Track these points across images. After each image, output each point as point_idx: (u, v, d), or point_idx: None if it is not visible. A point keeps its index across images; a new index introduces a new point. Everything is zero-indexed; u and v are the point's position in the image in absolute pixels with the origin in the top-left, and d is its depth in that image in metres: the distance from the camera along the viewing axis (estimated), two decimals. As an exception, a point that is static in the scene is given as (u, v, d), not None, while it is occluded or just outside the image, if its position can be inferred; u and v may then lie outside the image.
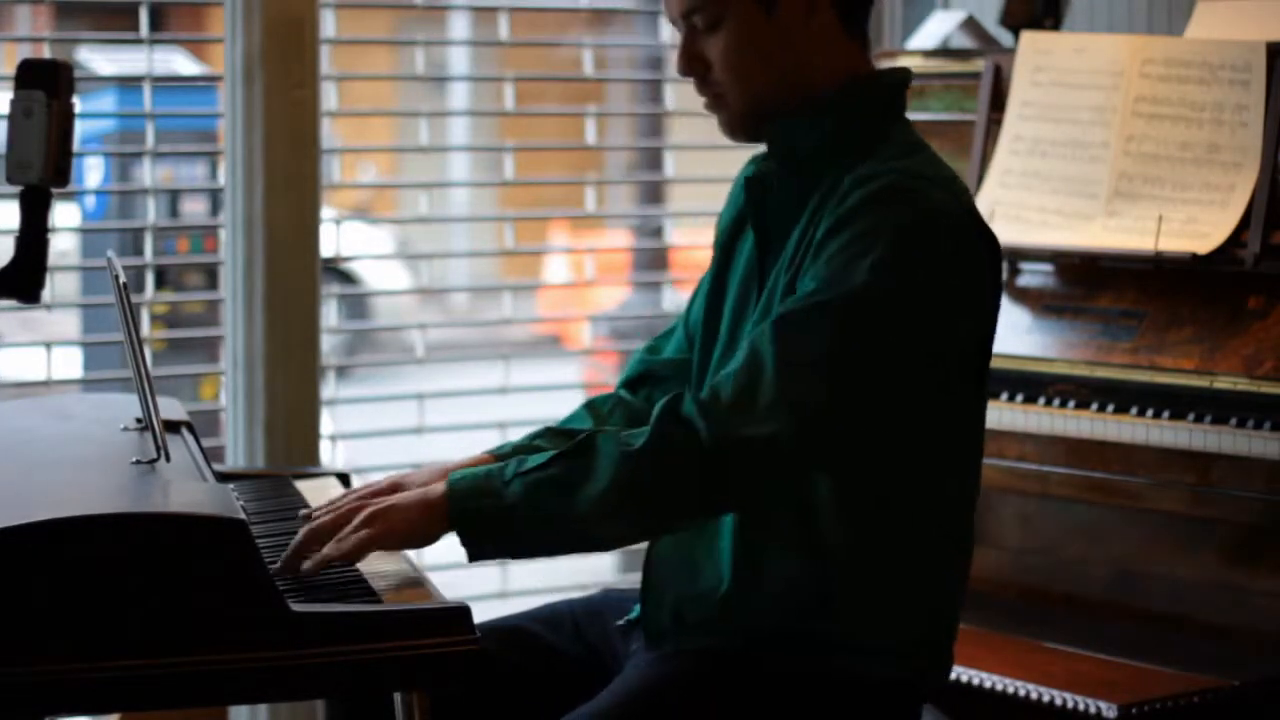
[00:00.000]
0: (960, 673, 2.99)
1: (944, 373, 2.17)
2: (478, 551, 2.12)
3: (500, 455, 2.35)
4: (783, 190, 2.24)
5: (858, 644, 2.20)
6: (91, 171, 4.42)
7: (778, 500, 2.17)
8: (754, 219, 2.27)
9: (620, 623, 2.37)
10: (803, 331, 2.09)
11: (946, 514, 2.24)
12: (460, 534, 2.12)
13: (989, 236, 2.22)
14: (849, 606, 2.19)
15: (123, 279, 2.26)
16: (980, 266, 2.19)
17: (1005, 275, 3.34)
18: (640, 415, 2.37)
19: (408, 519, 2.11)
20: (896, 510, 2.19)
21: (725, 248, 2.35)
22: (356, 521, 2.11)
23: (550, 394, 4.20)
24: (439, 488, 2.12)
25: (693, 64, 2.23)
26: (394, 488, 2.23)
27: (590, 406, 2.47)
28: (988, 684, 2.96)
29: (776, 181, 2.25)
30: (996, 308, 2.24)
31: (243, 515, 1.94)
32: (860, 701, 2.22)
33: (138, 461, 2.22)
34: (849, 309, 2.08)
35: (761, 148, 2.30)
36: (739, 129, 2.26)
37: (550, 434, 2.40)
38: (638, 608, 2.34)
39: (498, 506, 2.09)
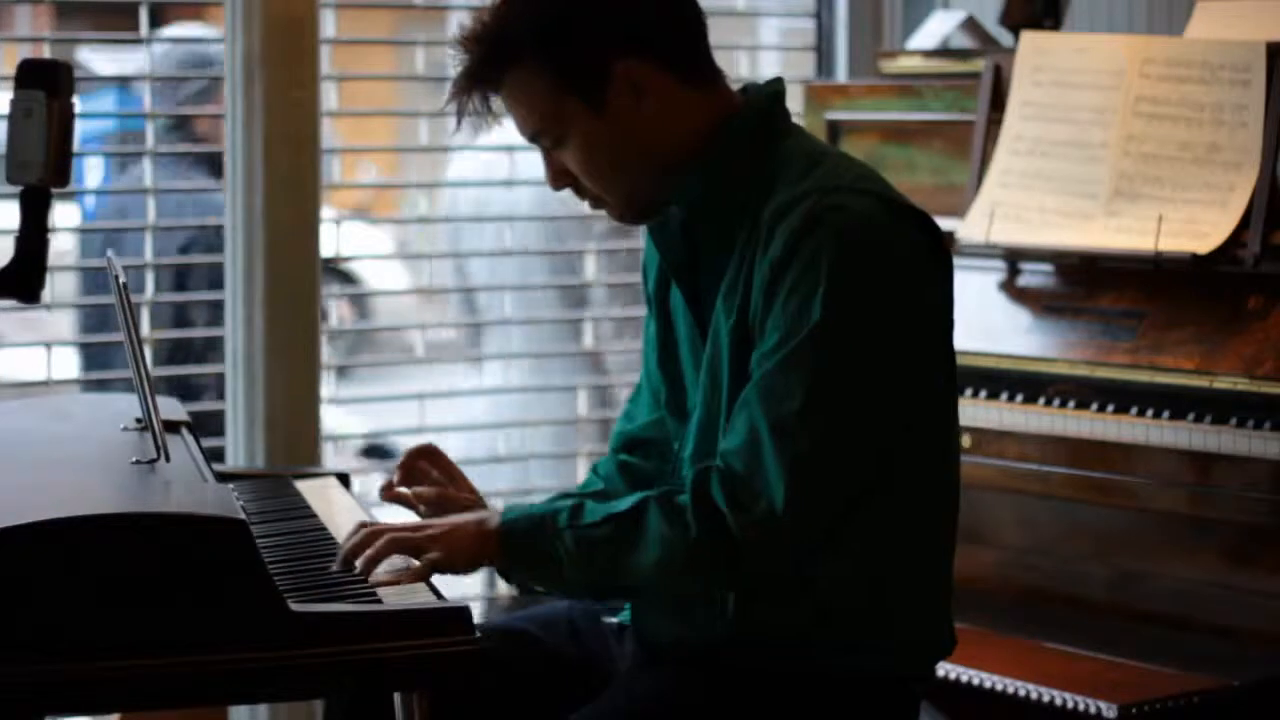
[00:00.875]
0: (960, 673, 2.99)
1: (921, 367, 2.18)
2: (518, 584, 2.21)
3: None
4: (687, 231, 2.24)
5: (851, 642, 2.21)
6: (91, 171, 4.41)
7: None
8: (670, 267, 2.28)
9: (612, 620, 2.37)
10: (784, 389, 2.10)
11: (929, 503, 2.24)
12: (509, 571, 2.19)
13: (916, 214, 2.19)
14: (839, 604, 2.19)
15: (123, 279, 2.26)
16: (919, 250, 2.18)
17: (1005, 275, 3.35)
18: (642, 476, 2.41)
19: (463, 547, 2.15)
20: (882, 503, 2.19)
21: (659, 296, 2.36)
22: (421, 537, 2.14)
23: (550, 394, 4.20)
24: (491, 521, 2.16)
25: (561, 180, 2.25)
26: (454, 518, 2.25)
27: (595, 471, 2.50)
28: (987, 684, 2.96)
29: (678, 223, 2.25)
30: (949, 280, 2.24)
31: (243, 515, 1.94)
32: (857, 699, 2.22)
33: (138, 461, 2.22)
34: (813, 346, 2.09)
35: None
36: (631, 220, 2.30)
37: (569, 498, 2.40)
38: (628, 606, 2.35)
39: (548, 554, 2.15)
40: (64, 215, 4.45)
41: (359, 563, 2.10)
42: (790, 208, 2.13)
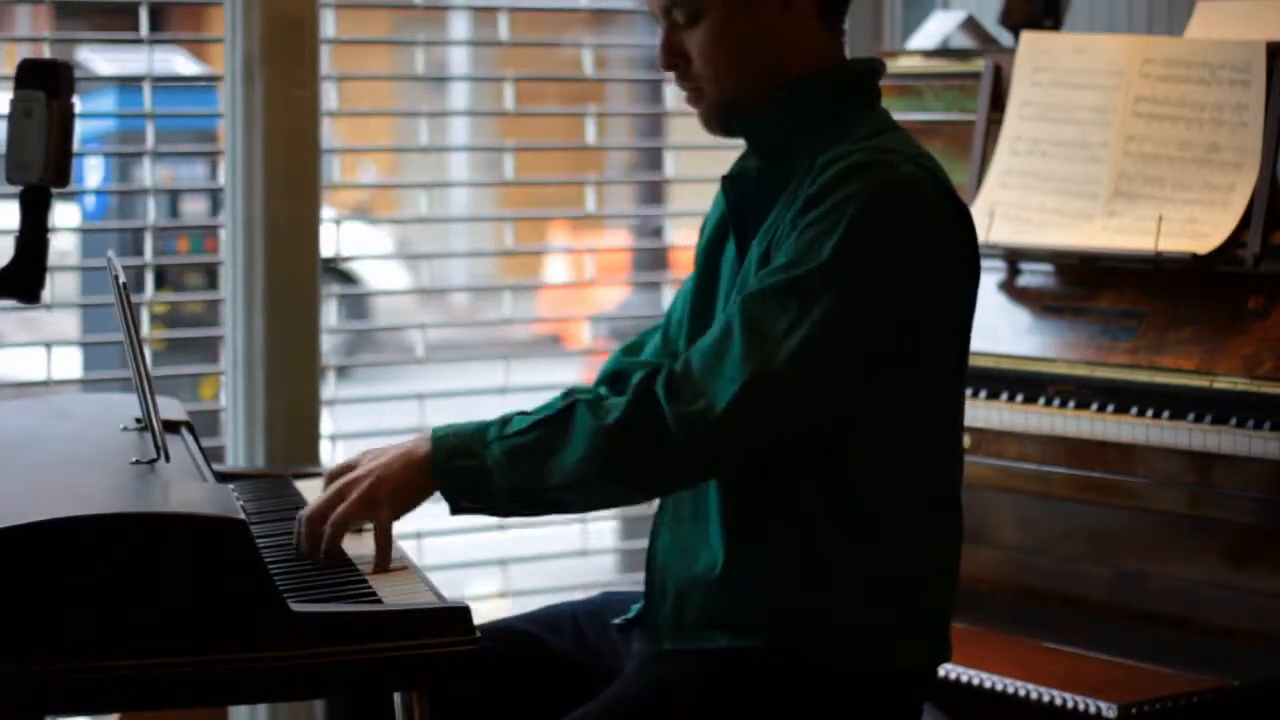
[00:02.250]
0: (960, 673, 2.99)
1: (917, 346, 2.18)
2: (456, 507, 2.20)
3: None
4: (760, 183, 2.27)
5: (855, 629, 2.21)
6: (91, 171, 4.42)
7: (757, 472, 2.19)
8: (732, 215, 2.30)
9: (618, 621, 2.37)
10: (770, 305, 2.12)
11: (932, 493, 2.25)
12: (441, 492, 2.19)
13: (961, 209, 2.23)
14: (843, 589, 2.20)
15: (123, 279, 2.26)
16: (951, 238, 2.20)
17: (1005, 275, 3.35)
18: None
19: (397, 479, 2.18)
20: (882, 489, 2.20)
21: (709, 252, 2.37)
22: (352, 498, 2.17)
23: (550, 394, 4.19)
24: (424, 445, 2.19)
25: (673, 58, 2.28)
26: (370, 458, 2.29)
27: (567, 396, 2.48)
28: (988, 684, 2.96)
29: (755, 176, 2.28)
30: (973, 282, 2.25)
31: (243, 515, 1.95)
32: (860, 693, 2.22)
33: (138, 461, 2.22)
34: (815, 282, 2.11)
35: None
36: (715, 121, 2.30)
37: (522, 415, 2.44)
38: (635, 607, 2.35)
39: (477, 468, 2.17)
40: (64, 215, 4.45)
41: (323, 561, 2.14)
42: (842, 157, 2.17)
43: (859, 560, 2.20)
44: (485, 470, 2.16)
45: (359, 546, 2.23)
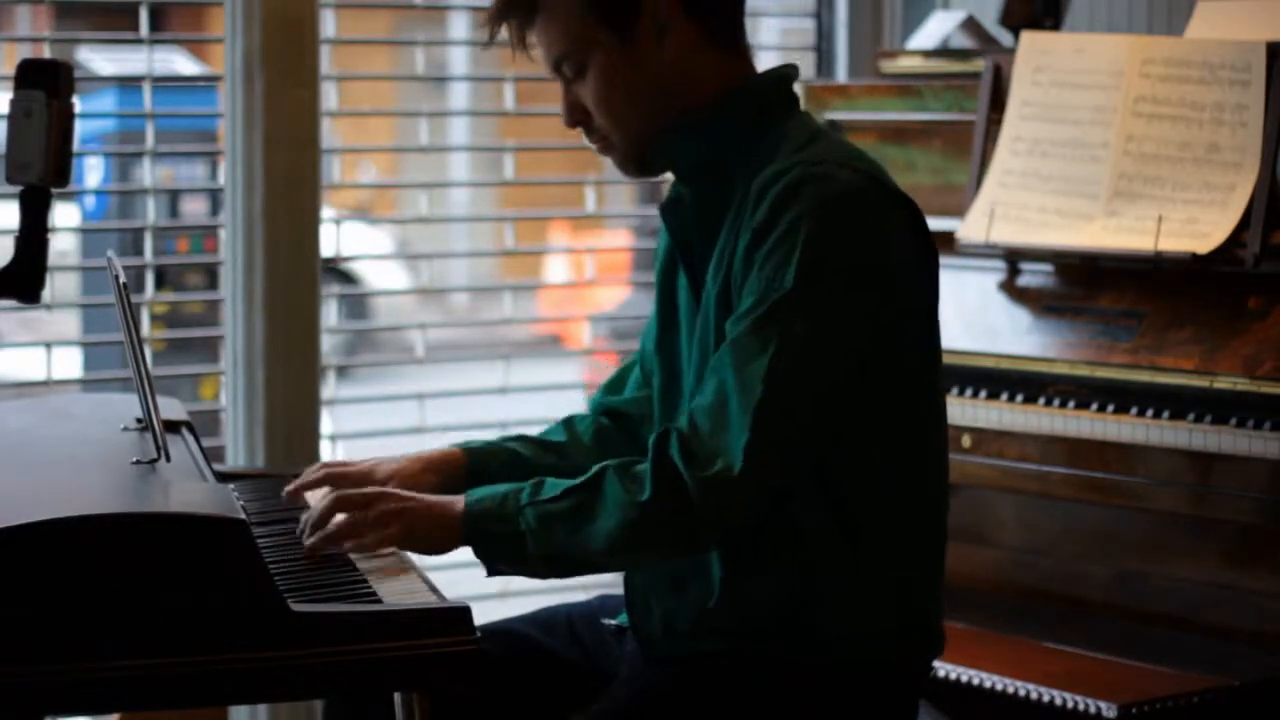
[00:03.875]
0: (960, 673, 2.99)
1: (893, 348, 2.18)
2: (491, 569, 2.20)
3: (469, 450, 2.43)
4: (697, 209, 2.27)
5: (847, 631, 2.21)
6: (91, 171, 4.42)
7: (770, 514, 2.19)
8: (678, 245, 2.30)
9: (610, 623, 2.38)
10: (752, 351, 2.12)
11: (917, 488, 2.25)
12: (474, 551, 2.19)
13: (904, 202, 2.22)
14: (834, 591, 2.20)
15: (123, 279, 2.26)
16: (901, 234, 2.20)
17: (1005, 275, 3.35)
18: (611, 440, 2.46)
19: (427, 530, 2.17)
20: (868, 489, 2.20)
21: (664, 282, 2.37)
22: (373, 516, 2.16)
23: (550, 394, 4.20)
24: (457, 505, 2.17)
25: (575, 115, 2.29)
26: (367, 475, 2.32)
27: (568, 424, 2.52)
28: (987, 684, 2.96)
29: (690, 200, 2.28)
30: (931, 271, 2.25)
31: (243, 515, 1.95)
32: (855, 693, 2.22)
33: (138, 461, 2.22)
34: (787, 311, 2.11)
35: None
36: (631, 165, 2.31)
37: (526, 440, 2.48)
38: (624, 614, 2.35)
39: (511, 533, 2.16)
40: (64, 215, 4.45)
41: (311, 540, 2.15)
42: (779, 175, 2.16)
43: (848, 560, 2.20)
44: (518, 536, 2.16)
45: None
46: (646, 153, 2.28)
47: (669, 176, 2.36)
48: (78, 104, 2.11)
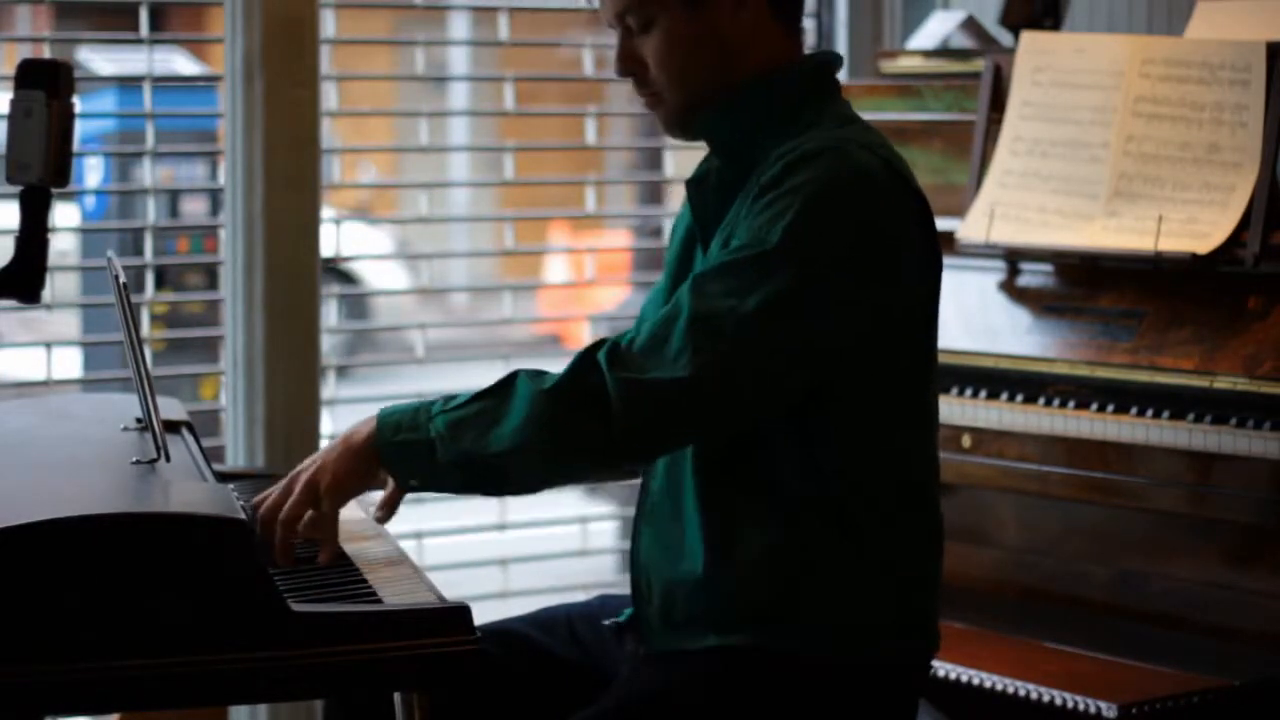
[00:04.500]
0: (960, 673, 2.99)
1: (880, 337, 2.17)
2: (403, 483, 2.18)
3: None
4: (720, 184, 2.27)
5: (843, 624, 2.21)
6: (91, 171, 4.42)
7: (731, 467, 2.19)
8: (698, 221, 2.30)
9: (608, 623, 2.38)
10: (717, 284, 2.12)
11: (909, 484, 2.25)
12: (385, 465, 2.17)
13: (917, 196, 2.22)
14: (827, 582, 2.20)
15: (123, 279, 2.26)
16: (903, 224, 2.20)
17: (1005, 275, 3.35)
18: None
19: (347, 465, 2.16)
20: (858, 482, 2.20)
21: (679, 259, 2.37)
22: (296, 491, 2.16)
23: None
24: (366, 426, 2.17)
25: (628, 64, 2.28)
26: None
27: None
28: (987, 684, 2.96)
29: (716, 176, 2.28)
30: (934, 273, 2.25)
31: (243, 515, 1.95)
32: (854, 691, 2.22)
33: (138, 461, 2.22)
34: (761, 265, 2.11)
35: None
36: (675, 125, 2.31)
37: None
38: (627, 611, 2.35)
39: (421, 440, 2.15)
40: (64, 215, 4.45)
41: (279, 560, 2.13)
42: (797, 147, 2.17)
43: (839, 555, 2.20)
44: (428, 443, 2.14)
45: (357, 546, 2.23)
46: (694, 117, 2.28)
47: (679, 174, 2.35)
48: (78, 104, 2.11)
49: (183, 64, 4.70)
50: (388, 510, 2.19)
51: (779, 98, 2.26)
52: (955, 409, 3.21)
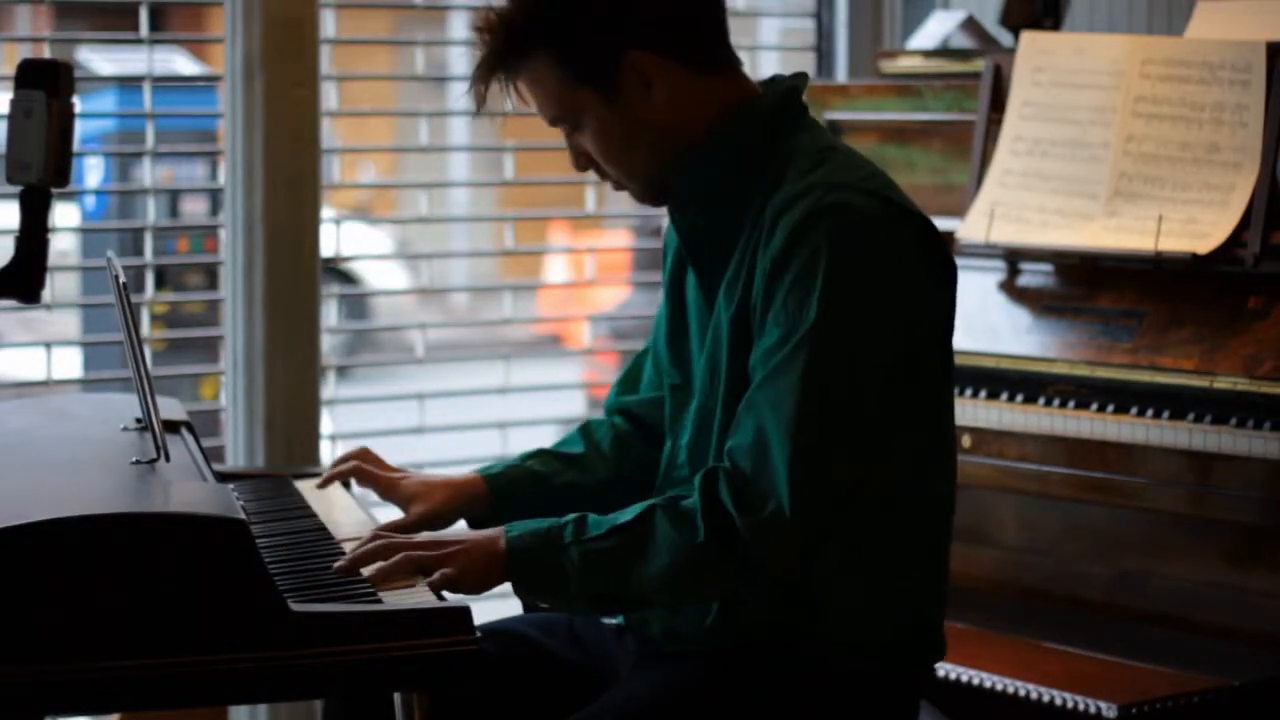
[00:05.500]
0: (960, 673, 2.99)
1: (913, 366, 2.19)
2: (529, 605, 2.23)
3: (490, 478, 2.41)
4: (710, 227, 2.26)
5: (846, 638, 2.21)
6: (91, 171, 4.42)
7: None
8: (686, 246, 2.30)
9: (611, 622, 2.38)
10: (785, 389, 2.11)
11: (921, 497, 2.25)
12: (515, 587, 2.17)
13: (916, 218, 2.21)
14: (835, 598, 2.21)
15: (123, 279, 2.26)
16: (913, 253, 2.19)
17: (1005, 275, 3.35)
18: (636, 458, 2.44)
19: (478, 567, 2.13)
20: (873, 497, 2.20)
21: (674, 281, 2.37)
22: (436, 554, 2.13)
23: (550, 394, 4.20)
24: (499, 544, 2.14)
25: (581, 160, 2.29)
26: (393, 486, 2.31)
27: (585, 432, 2.51)
28: (987, 684, 2.96)
29: (703, 217, 2.27)
30: (949, 291, 2.25)
31: (243, 515, 1.94)
32: (856, 694, 2.23)
33: (138, 461, 2.22)
34: (815, 347, 2.11)
35: None
36: (648, 201, 2.32)
37: (544, 456, 2.46)
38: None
39: (556, 573, 2.13)
40: (64, 215, 4.45)
41: (369, 572, 2.10)
42: (794, 202, 2.15)
43: (849, 564, 2.20)
44: (564, 576, 2.13)
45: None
46: (662, 189, 2.27)
47: None
48: (78, 104, 2.11)
49: (183, 64, 4.71)
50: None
51: (741, 142, 2.24)
52: (955, 409, 3.21)
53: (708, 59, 2.25)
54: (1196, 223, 3.09)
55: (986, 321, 3.30)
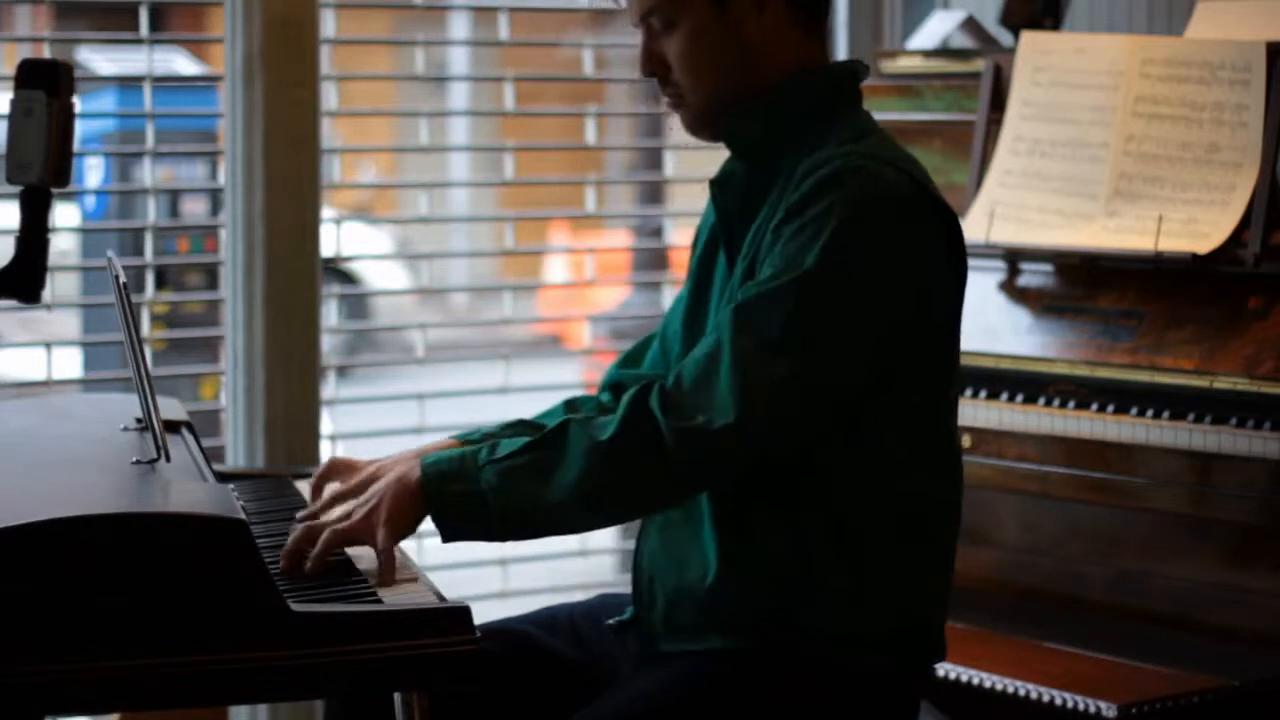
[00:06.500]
0: (960, 673, 2.99)
1: (905, 349, 2.18)
2: (451, 534, 2.18)
3: (468, 441, 2.39)
4: (745, 186, 2.27)
5: (846, 634, 2.21)
6: (92, 171, 4.42)
7: (750, 481, 2.19)
8: (722, 223, 2.31)
9: (611, 622, 2.37)
10: (758, 317, 2.12)
11: (924, 495, 2.25)
12: (434, 518, 2.16)
13: (944, 210, 2.23)
14: (834, 595, 2.20)
15: (123, 279, 2.26)
16: (933, 241, 2.21)
17: (1005, 275, 3.35)
18: None
19: (391, 505, 2.14)
20: (873, 493, 2.20)
21: (702, 264, 2.37)
22: (357, 516, 2.15)
23: (550, 394, 4.19)
24: (414, 473, 2.15)
25: (652, 65, 2.29)
26: (371, 479, 2.26)
27: (569, 405, 2.51)
28: (987, 684, 2.96)
29: (739, 179, 2.28)
30: (959, 284, 2.26)
31: (243, 515, 1.95)
32: (856, 694, 2.22)
33: (138, 461, 2.22)
34: (801, 291, 2.12)
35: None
36: (699, 127, 2.31)
37: (523, 426, 2.45)
38: (630, 609, 2.35)
39: (471, 492, 2.14)
40: (64, 215, 4.45)
41: (309, 564, 2.10)
42: (824, 163, 2.17)
43: (849, 563, 2.20)
44: (478, 494, 2.14)
45: (358, 549, 2.22)
46: (717, 119, 2.28)
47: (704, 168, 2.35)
48: (78, 104, 2.11)
49: (183, 64, 4.71)
50: (388, 577, 2.13)
51: (801, 102, 2.26)
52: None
53: (813, 15, 2.29)
54: (1196, 223, 3.09)
55: (986, 321, 3.30)
